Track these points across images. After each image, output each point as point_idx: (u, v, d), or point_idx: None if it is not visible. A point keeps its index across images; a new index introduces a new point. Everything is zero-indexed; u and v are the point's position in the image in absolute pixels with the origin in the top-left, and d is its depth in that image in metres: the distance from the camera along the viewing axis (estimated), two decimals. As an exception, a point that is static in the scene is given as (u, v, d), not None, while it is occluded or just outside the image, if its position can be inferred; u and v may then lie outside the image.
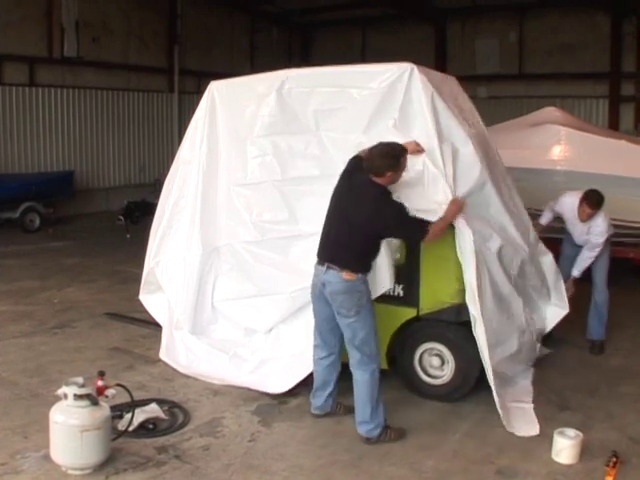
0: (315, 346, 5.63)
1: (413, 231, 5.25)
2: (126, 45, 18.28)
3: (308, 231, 6.25)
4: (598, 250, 7.29)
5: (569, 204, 7.44)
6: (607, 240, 7.36)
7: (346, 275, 5.15)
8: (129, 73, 18.37)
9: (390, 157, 5.14)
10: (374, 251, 5.31)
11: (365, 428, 5.28)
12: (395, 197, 5.20)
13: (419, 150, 5.64)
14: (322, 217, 5.78)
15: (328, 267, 5.21)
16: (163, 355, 6.87)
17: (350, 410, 5.53)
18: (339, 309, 5.23)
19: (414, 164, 5.60)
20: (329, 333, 5.47)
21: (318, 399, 5.67)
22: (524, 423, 5.58)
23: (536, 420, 5.60)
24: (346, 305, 5.18)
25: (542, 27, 19.62)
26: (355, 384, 5.32)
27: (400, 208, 5.12)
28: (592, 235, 7.29)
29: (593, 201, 7.16)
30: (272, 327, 6.27)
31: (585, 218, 7.26)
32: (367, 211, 5.09)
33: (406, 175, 5.46)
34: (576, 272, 7.37)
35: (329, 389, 5.61)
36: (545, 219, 7.79)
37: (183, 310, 6.75)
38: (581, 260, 7.37)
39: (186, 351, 6.72)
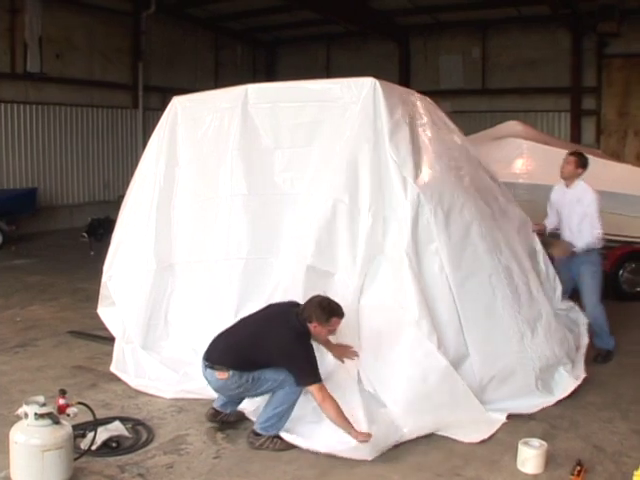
0: None
1: (303, 374, 5.16)
2: (90, 61, 18.16)
3: (260, 254, 6.29)
4: (600, 226, 7.32)
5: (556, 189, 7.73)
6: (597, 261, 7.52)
7: (219, 374, 5.30)
8: (93, 89, 18.22)
9: (324, 310, 5.18)
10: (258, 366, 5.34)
11: (257, 426, 5.40)
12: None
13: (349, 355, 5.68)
14: (277, 240, 6.06)
15: (209, 367, 5.38)
16: (113, 368, 6.80)
17: (241, 416, 5.72)
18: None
19: None
20: None
21: (218, 399, 5.74)
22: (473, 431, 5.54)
23: (491, 430, 5.59)
24: (229, 392, 5.47)
25: (504, 43, 19.90)
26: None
27: (307, 352, 5.18)
28: (586, 207, 7.37)
29: (576, 154, 7.52)
30: None
31: (566, 174, 7.50)
32: (277, 333, 5.21)
33: None
34: (578, 245, 7.37)
35: None
36: (549, 221, 7.87)
37: (134, 324, 6.71)
38: (585, 239, 7.39)
39: (135, 365, 6.65)
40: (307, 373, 5.14)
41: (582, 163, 7.52)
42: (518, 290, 6.56)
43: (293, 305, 5.41)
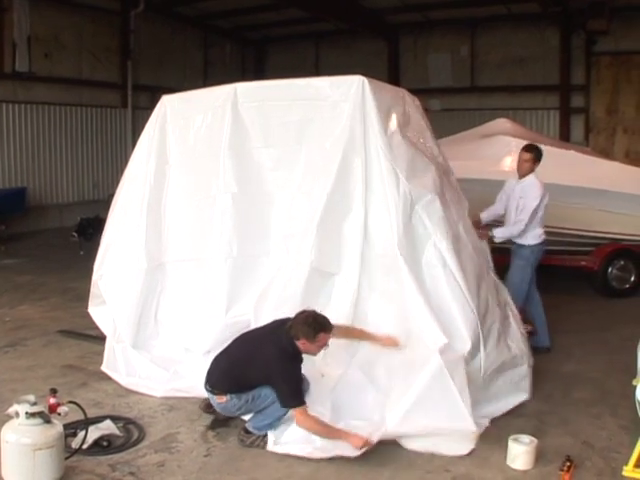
0: None
1: (286, 396, 5.19)
2: (79, 60, 18.07)
3: (250, 253, 6.28)
4: (525, 221, 7.33)
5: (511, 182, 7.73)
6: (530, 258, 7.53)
7: (218, 399, 5.37)
8: (82, 88, 18.14)
9: (310, 327, 5.17)
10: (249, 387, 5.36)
11: (249, 424, 5.44)
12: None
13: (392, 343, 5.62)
14: (267, 238, 6.06)
15: (210, 391, 5.45)
16: (104, 367, 6.80)
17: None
18: None
19: None
20: None
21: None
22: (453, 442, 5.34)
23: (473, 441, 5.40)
24: (232, 415, 5.54)
25: (493, 41, 19.94)
26: None
27: (290, 374, 5.21)
28: (526, 198, 7.39)
29: (531, 151, 7.52)
30: (209, 350, 6.07)
31: (524, 170, 7.49)
32: (265, 353, 5.23)
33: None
34: (496, 232, 7.42)
35: None
36: (491, 210, 7.87)
37: (125, 323, 6.71)
38: (506, 229, 7.51)
39: (126, 364, 6.65)
40: (288, 396, 5.17)
41: (537, 157, 7.57)
42: (496, 287, 6.64)
43: (285, 322, 5.36)
